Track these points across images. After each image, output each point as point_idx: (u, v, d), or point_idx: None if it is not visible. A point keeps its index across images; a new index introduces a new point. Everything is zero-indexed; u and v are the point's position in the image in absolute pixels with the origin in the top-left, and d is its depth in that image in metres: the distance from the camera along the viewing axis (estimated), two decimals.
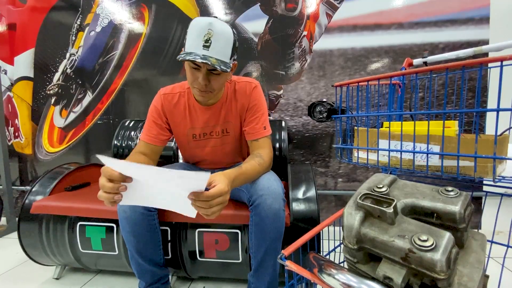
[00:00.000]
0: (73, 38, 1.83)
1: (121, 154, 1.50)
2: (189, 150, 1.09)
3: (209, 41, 0.77)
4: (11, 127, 1.96)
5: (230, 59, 0.83)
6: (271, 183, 0.87)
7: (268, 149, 0.96)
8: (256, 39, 1.64)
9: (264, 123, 0.98)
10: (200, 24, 0.78)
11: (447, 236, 0.39)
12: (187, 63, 0.84)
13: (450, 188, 0.48)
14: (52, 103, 1.89)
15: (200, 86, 0.84)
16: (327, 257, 0.57)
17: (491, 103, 1.41)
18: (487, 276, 0.51)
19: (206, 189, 0.62)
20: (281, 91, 1.65)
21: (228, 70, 0.80)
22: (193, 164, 1.17)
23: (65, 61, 1.85)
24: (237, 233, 1.01)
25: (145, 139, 0.98)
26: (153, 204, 0.68)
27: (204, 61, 0.76)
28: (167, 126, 1.01)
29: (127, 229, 0.90)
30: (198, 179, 0.57)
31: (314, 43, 1.60)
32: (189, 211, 0.63)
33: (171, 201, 0.65)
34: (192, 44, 0.79)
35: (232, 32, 0.83)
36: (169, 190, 0.61)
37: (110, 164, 0.56)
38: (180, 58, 0.79)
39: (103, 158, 0.53)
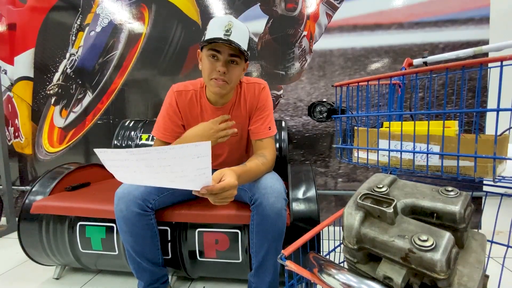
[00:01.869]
0: (73, 38, 1.83)
1: None
2: None
3: (230, 31, 0.84)
4: (11, 127, 1.96)
5: (247, 51, 0.89)
6: (273, 182, 0.88)
7: (271, 149, 0.97)
8: (256, 39, 1.64)
9: (269, 123, 1.00)
10: (220, 19, 0.87)
11: (447, 236, 0.39)
12: (206, 55, 0.88)
13: (450, 188, 0.48)
14: (52, 103, 1.89)
15: (218, 74, 0.87)
16: (327, 257, 0.57)
17: (491, 103, 1.41)
18: (487, 276, 0.51)
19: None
20: (281, 91, 1.65)
21: (247, 54, 0.88)
22: None
23: (65, 61, 1.85)
24: (237, 233, 1.01)
25: (161, 137, 0.99)
26: (160, 184, 0.67)
27: (228, 38, 0.82)
28: (182, 122, 1.02)
29: (124, 228, 0.90)
30: (201, 180, 0.58)
31: (314, 43, 1.60)
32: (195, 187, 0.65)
33: (178, 180, 0.64)
34: (214, 33, 0.84)
35: (248, 29, 0.91)
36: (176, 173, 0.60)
37: (108, 157, 0.55)
38: (203, 40, 0.85)
39: (101, 153, 0.53)
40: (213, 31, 0.85)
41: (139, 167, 0.57)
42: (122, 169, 0.59)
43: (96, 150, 0.54)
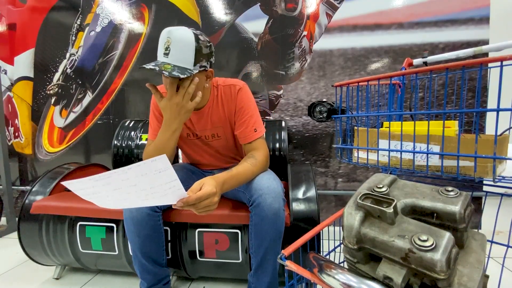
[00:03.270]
0: (73, 38, 1.83)
1: (121, 154, 1.51)
2: (186, 148, 1.10)
3: (168, 49, 0.80)
4: (11, 127, 1.96)
5: (195, 65, 0.83)
6: (270, 182, 0.87)
7: (262, 149, 0.96)
8: (256, 39, 1.64)
9: (254, 125, 0.96)
10: (163, 34, 0.83)
11: (447, 236, 0.39)
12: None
13: (450, 188, 0.48)
14: (52, 103, 1.89)
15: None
16: (327, 257, 0.57)
17: (491, 103, 1.41)
18: (487, 276, 0.51)
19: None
20: (281, 91, 1.65)
21: (183, 76, 0.79)
22: (193, 165, 1.17)
23: (65, 61, 1.85)
24: (237, 233, 1.01)
25: (152, 138, 0.99)
26: (137, 204, 0.67)
27: (152, 67, 0.78)
28: None
29: (132, 229, 0.90)
30: (174, 195, 0.60)
31: (314, 43, 1.60)
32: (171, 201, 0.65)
33: (154, 197, 0.64)
34: (158, 54, 0.83)
35: (196, 38, 0.82)
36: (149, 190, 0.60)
37: (77, 187, 0.55)
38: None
39: (69, 184, 0.53)
40: (158, 51, 0.84)
41: (108, 191, 0.57)
42: (95, 195, 0.58)
43: (64, 183, 0.54)
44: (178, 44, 0.80)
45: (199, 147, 1.08)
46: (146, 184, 0.57)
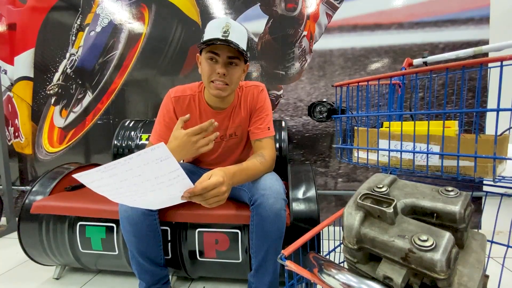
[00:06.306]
0: (73, 38, 1.83)
1: (121, 154, 1.50)
2: None
3: (228, 32, 0.84)
4: (11, 127, 1.95)
5: (246, 51, 0.90)
6: (273, 182, 0.88)
7: (270, 150, 0.98)
8: (256, 39, 1.64)
9: (268, 124, 1.01)
10: (217, 20, 0.88)
11: (447, 236, 0.39)
12: (205, 58, 0.88)
13: (450, 188, 0.48)
14: (52, 103, 1.89)
15: (218, 76, 0.87)
16: (327, 257, 0.57)
17: (491, 103, 1.41)
18: (487, 276, 0.51)
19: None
20: (281, 91, 1.65)
21: (246, 54, 0.88)
22: (192, 164, 1.17)
23: (65, 61, 1.85)
24: (237, 233, 1.01)
25: (155, 143, 0.97)
26: (147, 205, 0.67)
27: (226, 39, 0.82)
28: None
29: (128, 229, 0.90)
30: (183, 185, 0.60)
31: (314, 43, 1.60)
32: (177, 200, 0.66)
33: (162, 196, 0.65)
34: (211, 35, 0.84)
35: (247, 31, 0.92)
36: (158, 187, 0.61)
37: (88, 179, 0.55)
38: (201, 42, 0.85)
39: (80, 177, 0.54)
40: (210, 33, 0.85)
41: (117, 183, 0.57)
42: (106, 188, 0.58)
43: (75, 175, 0.54)
44: (237, 30, 0.86)
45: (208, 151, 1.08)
46: (150, 174, 0.57)
